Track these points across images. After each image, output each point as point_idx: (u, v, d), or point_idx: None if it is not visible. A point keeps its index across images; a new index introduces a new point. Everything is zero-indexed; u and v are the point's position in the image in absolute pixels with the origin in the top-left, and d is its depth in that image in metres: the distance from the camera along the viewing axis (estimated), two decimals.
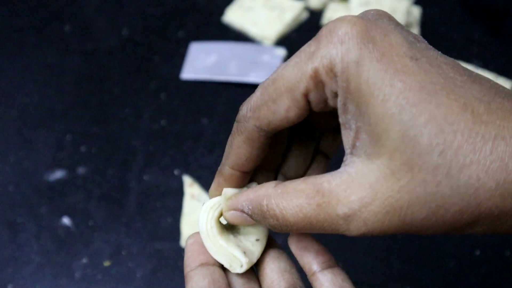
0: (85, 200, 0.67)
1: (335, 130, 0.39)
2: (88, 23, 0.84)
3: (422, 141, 0.28)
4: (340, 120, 0.31)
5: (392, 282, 0.62)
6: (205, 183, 0.68)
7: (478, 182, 0.28)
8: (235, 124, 0.36)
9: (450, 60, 0.31)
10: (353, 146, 0.30)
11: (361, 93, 0.29)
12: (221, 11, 0.84)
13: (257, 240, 0.38)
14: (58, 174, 0.69)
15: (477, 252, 0.62)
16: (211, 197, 0.38)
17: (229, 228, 0.38)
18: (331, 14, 0.82)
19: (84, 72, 0.79)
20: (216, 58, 0.79)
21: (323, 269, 0.36)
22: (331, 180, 0.31)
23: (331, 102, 0.32)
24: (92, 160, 0.71)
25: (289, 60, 0.32)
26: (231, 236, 0.38)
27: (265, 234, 0.38)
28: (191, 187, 0.67)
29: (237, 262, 0.37)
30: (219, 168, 0.37)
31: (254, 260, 0.37)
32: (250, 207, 0.34)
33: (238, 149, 0.36)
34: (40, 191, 0.68)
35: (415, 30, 0.80)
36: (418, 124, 0.28)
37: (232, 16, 0.83)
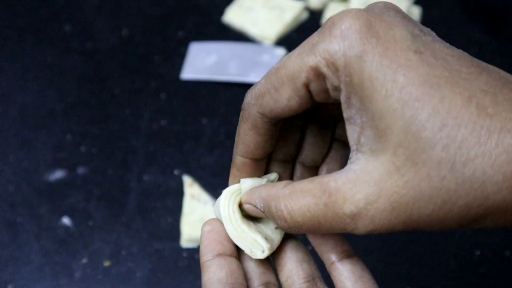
0: (85, 200, 0.67)
1: None
2: (88, 23, 0.84)
3: (425, 136, 0.28)
4: (345, 115, 0.31)
5: (392, 282, 0.62)
6: (205, 183, 0.68)
7: (484, 175, 0.27)
8: (241, 112, 0.36)
9: (457, 52, 0.31)
10: (358, 142, 0.30)
11: (364, 88, 0.29)
12: (221, 11, 0.84)
13: (277, 228, 0.38)
14: (58, 174, 0.69)
15: (477, 252, 0.62)
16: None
17: (249, 215, 0.38)
18: (331, 14, 0.82)
19: (84, 72, 0.79)
20: (216, 58, 0.79)
21: (341, 258, 0.36)
22: (337, 179, 0.31)
23: (332, 94, 0.32)
24: (92, 160, 0.71)
25: (293, 50, 0.32)
26: (252, 223, 0.38)
27: None
28: (191, 187, 0.67)
29: (259, 248, 0.36)
30: (232, 159, 0.38)
31: (275, 247, 0.37)
32: (262, 205, 0.35)
33: (245, 137, 0.36)
34: (40, 191, 0.68)
35: None
36: (420, 118, 0.28)
37: (232, 16, 0.83)
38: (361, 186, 0.30)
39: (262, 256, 0.36)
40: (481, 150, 0.27)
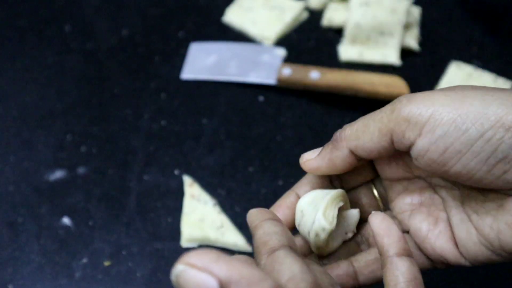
0: (85, 200, 0.67)
1: None
2: (88, 23, 0.84)
3: None
4: None
5: None
6: (205, 183, 0.68)
7: None
8: (333, 142, 0.42)
9: None
10: None
11: None
12: (221, 11, 0.84)
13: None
14: (58, 174, 0.69)
15: None
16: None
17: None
18: (331, 14, 0.82)
19: (84, 72, 0.79)
20: (216, 58, 0.79)
21: (401, 254, 0.36)
22: None
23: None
24: (92, 160, 0.71)
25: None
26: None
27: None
28: (191, 187, 0.67)
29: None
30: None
31: (334, 247, 0.44)
32: None
33: (335, 161, 0.42)
34: (40, 191, 0.68)
35: (415, 30, 0.80)
36: None
37: (232, 16, 0.83)
38: None
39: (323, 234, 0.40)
40: None
